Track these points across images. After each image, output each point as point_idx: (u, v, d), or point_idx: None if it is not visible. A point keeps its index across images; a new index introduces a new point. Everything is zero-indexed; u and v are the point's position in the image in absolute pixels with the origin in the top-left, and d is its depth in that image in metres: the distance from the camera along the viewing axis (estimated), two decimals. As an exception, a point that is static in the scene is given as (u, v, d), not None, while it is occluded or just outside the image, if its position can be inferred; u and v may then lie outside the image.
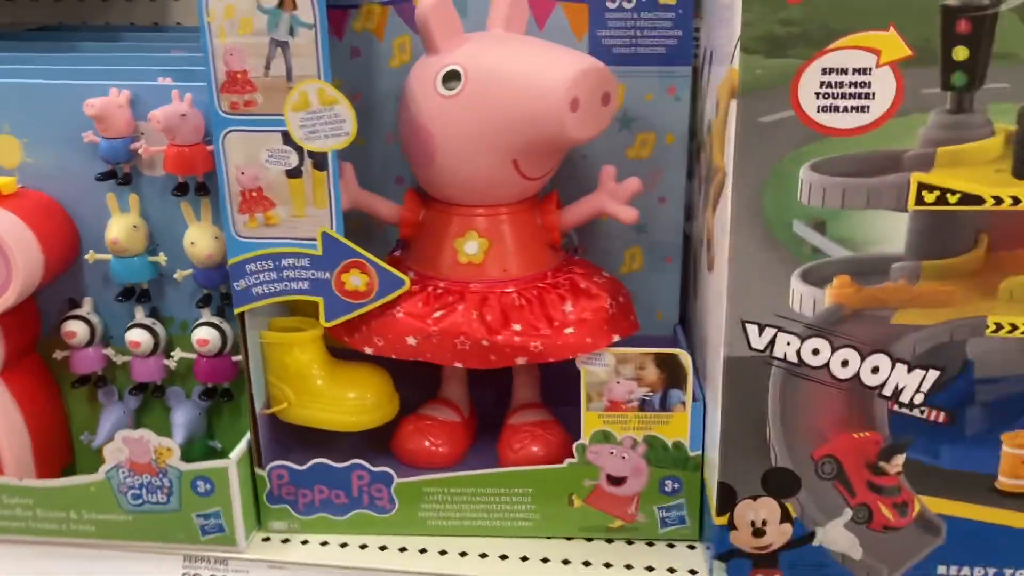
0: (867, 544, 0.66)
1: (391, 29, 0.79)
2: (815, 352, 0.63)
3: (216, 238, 0.73)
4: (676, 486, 0.72)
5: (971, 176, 0.58)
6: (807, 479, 0.65)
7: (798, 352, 0.63)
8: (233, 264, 0.70)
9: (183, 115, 0.69)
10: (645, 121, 0.79)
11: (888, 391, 0.63)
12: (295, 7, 0.64)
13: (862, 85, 0.58)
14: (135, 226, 0.73)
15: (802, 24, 0.57)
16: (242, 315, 0.71)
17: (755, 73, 0.58)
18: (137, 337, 0.75)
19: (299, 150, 0.67)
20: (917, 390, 0.63)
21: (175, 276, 0.75)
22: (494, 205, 0.72)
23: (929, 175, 0.59)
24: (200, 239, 0.73)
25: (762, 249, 0.61)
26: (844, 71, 0.57)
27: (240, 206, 0.68)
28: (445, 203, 0.73)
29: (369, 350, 0.72)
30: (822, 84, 0.58)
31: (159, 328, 0.77)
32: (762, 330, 0.63)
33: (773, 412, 0.64)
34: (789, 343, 0.62)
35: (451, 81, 0.68)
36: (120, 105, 0.71)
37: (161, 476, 0.70)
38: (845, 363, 0.63)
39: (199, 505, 0.71)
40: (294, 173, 0.67)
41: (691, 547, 0.73)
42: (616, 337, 0.71)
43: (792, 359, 0.63)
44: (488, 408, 0.82)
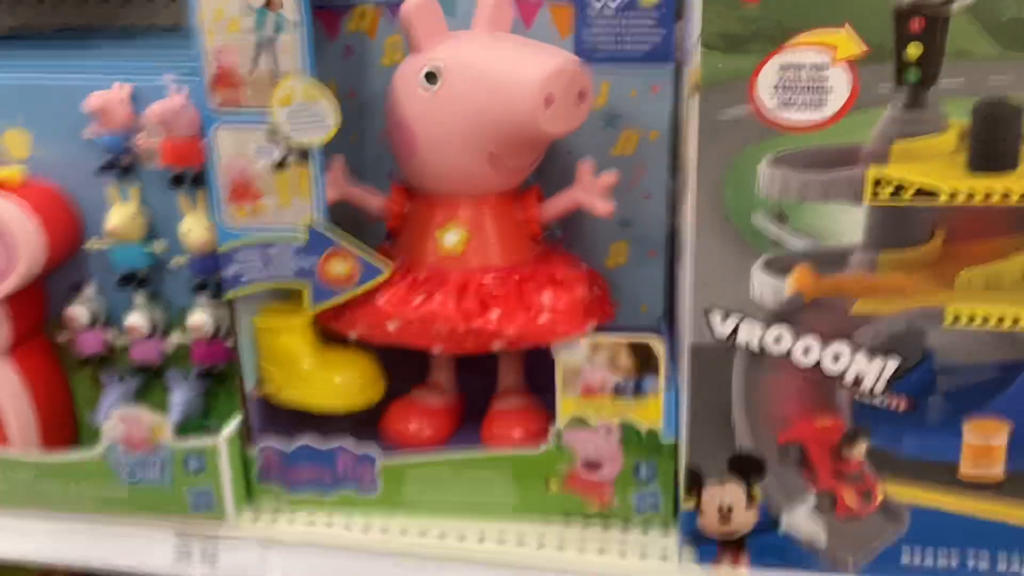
0: (831, 530, 0.68)
1: (383, 29, 0.81)
2: (777, 340, 0.64)
3: (210, 227, 0.76)
4: (650, 471, 0.74)
5: (926, 170, 0.60)
6: (772, 464, 0.67)
7: (761, 340, 0.64)
8: (223, 252, 0.73)
9: (178, 110, 0.73)
10: (629, 118, 0.81)
11: (849, 379, 0.64)
12: (282, 7, 0.67)
13: (818, 81, 0.59)
14: (134, 215, 0.77)
15: (759, 22, 0.59)
16: (232, 300, 0.74)
17: (714, 69, 0.60)
18: (136, 321, 0.79)
19: (284, 143, 0.70)
20: (878, 378, 0.64)
21: (172, 263, 0.78)
22: (475, 197, 0.75)
23: (885, 169, 0.60)
24: (195, 228, 0.76)
25: (724, 240, 0.63)
26: (801, 68, 0.59)
27: (229, 197, 0.71)
28: (428, 195, 0.76)
29: (354, 335, 0.75)
30: (780, 80, 0.59)
31: (157, 312, 0.80)
32: (725, 318, 0.64)
33: (737, 398, 0.66)
34: (752, 331, 0.64)
35: (431, 78, 0.70)
36: (121, 100, 0.75)
37: (155, 452, 0.74)
38: (807, 351, 0.64)
39: (191, 481, 0.74)
40: (280, 165, 0.70)
41: (665, 532, 0.75)
42: (591, 325, 0.73)
43: (755, 347, 0.65)
44: (475, 394, 0.84)
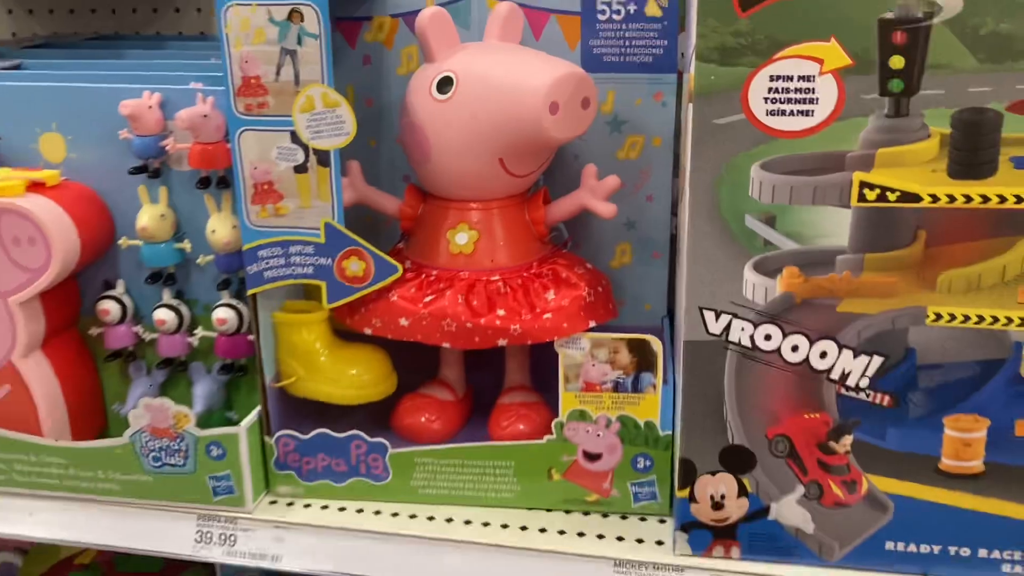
0: (819, 519, 0.71)
1: (399, 40, 0.86)
2: (767, 337, 0.68)
3: (234, 227, 0.80)
4: (648, 463, 0.77)
5: (909, 176, 0.63)
6: (762, 456, 0.70)
7: (751, 337, 0.68)
8: (247, 250, 0.77)
9: (205, 116, 0.77)
10: (634, 124, 0.85)
11: (836, 375, 0.68)
12: (303, 20, 0.71)
13: (807, 91, 0.63)
14: (163, 215, 0.81)
15: (751, 35, 0.62)
16: (255, 297, 0.78)
17: (709, 79, 0.64)
18: (163, 316, 0.83)
19: (305, 148, 0.74)
20: (863, 374, 0.67)
21: (198, 261, 0.83)
22: (485, 200, 0.79)
23: (870, 174, 0.64)
24: (220, 228, 0.80)
25: (718, 241, 0.67)
26: (790, 78, 0.63)
27: (253, 198, 0.76)
28: (440, 198, 0.80)
29: (368, 331, 0.79)
30: (770, 90, 0.63)
31: (183, 308, 0.85)
32: (718, 316, 0.68)
33: (729, 393, 0.69)
34: (743, 328, 0.68)
35: (444, 86, 0.74)
36: (151, 106, 0.79)
37: (179, 441, 0.78)
38: (795, 348, 0.68)
39: (212, 468, 0.78)
40: (301, 169, 0.74)
41: (662, 521, 0.78)
42: (592, 323, 0.77)
43: (746, 344, 0.68)
44: (483, 390, 0.88)
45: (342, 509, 0.80)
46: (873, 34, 0.61)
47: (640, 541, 0.75)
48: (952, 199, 0.63)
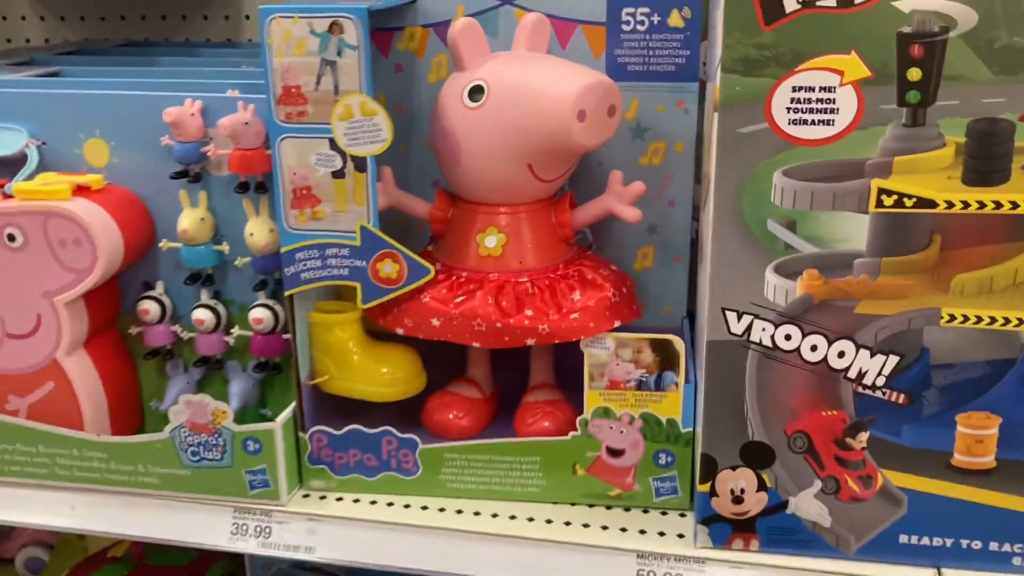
0: (835, 513, 0.73)
1: (430, 49, 0.89)
2: (787, 337, 0.70)
3: (271, 230, 0.83)
4: (669, 459, 0.80)
5: (925, 182, 0.66)
6: (781, 452, 0.73)
7: (772, 337, 0.70)
8: (285, 252, 0.80)
9: (246, 123, 0.80)
10: (657, 131, 0.88)
11: (853, 374, 0.70)
12: (343, 32, 0.74)
13: (827, 101, 0.65)
14: (203, 219, 0.84)
15: (775, 48, 0.65)
16: (291, 297, 0.81)
17: (734, 90, 0.66)
18: (202, 316, 0.86)
19: (343, 154, 0.77)
20: (879, 373, 0.70)
21: (236, 263, 0.86)
22: (513, 204, 0.82)
23: (887, 181, 0.66)
24: (258, 231, 0.83)
25: (740, 245, 0.69)
26: (812, 89, 0.65)
27: (292, 202, 0.79)
28: (470, 202, 0.83)
29: (400, 331, 0.82)
30: (792, 100, 0.66)
31: (221, 308, 0.88)
32: (740, 317, 0.71)
33: (750, 391, 0.72)
34: (764, 329, 0.70)
35: (476, 94, 0.77)
36: (192, 114, 0.82)
37: (217, 436, 0.81)
38: (814, 348, 0.70)
39: (249, 463, 0.81)
40: (338, 174, 0.77)
41: (682, 515, 0.81)
42: (617, 323, 0.79)
43: (767, 343, 0.71)
44: (509, 388, 0.91)
45: (373, 502, 0.83)
46: (891, 47, 0.64)
47: (662, 534, 0.78)
48: (966, 205, 0.66)
